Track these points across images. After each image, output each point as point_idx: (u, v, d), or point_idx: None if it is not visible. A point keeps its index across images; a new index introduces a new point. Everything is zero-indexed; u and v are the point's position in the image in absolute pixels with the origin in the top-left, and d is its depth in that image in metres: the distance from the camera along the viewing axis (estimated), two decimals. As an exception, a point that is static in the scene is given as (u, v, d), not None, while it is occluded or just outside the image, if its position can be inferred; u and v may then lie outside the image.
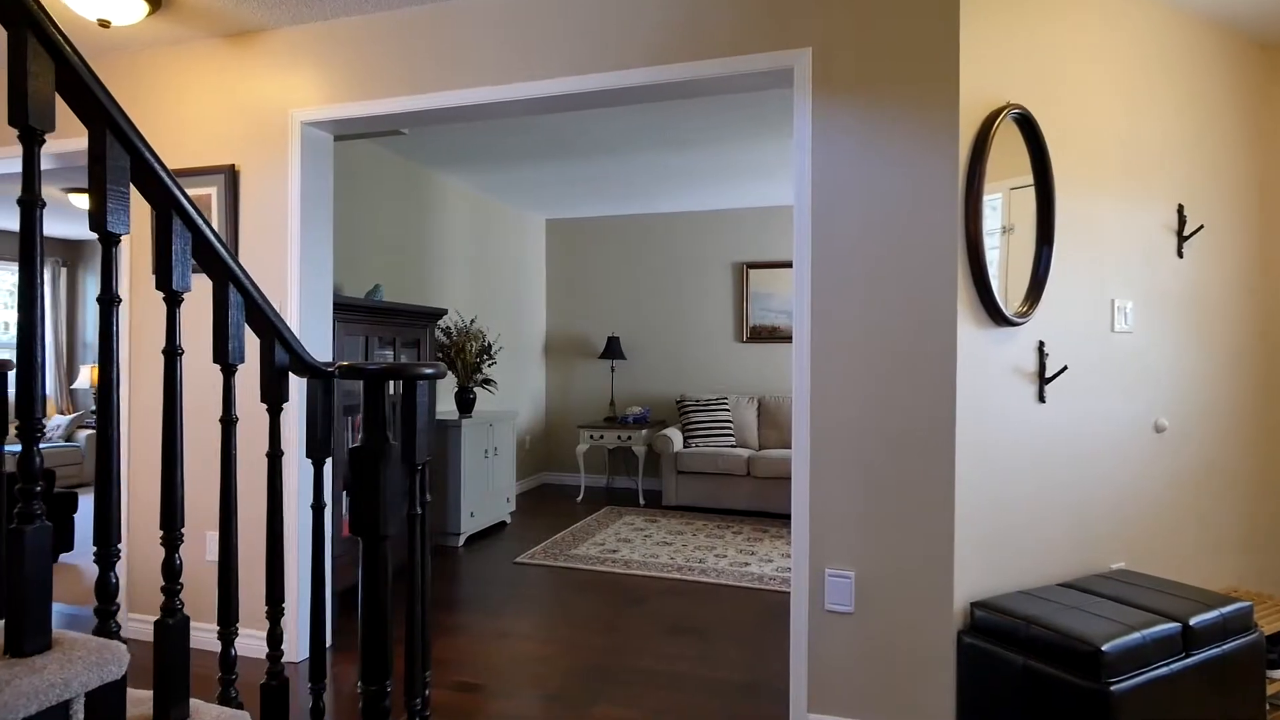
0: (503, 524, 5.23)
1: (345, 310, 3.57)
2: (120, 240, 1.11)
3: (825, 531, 2.31)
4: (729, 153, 4.66)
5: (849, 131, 2.29)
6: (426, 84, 2.75)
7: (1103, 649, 1.87)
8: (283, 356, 1.43)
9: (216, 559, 2.89)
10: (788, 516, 5.43)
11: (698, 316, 6.49)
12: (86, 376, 7.65)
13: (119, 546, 1.27)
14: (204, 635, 2.97)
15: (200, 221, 1.22)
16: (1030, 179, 2.34)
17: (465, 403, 4.92)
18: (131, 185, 1.14)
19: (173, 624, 1.20)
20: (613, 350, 6.37)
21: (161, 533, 1.25)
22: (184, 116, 3.08)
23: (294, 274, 2.90)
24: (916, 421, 2.22)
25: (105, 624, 1.22)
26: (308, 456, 1.52)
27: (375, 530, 1.44)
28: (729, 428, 5.86)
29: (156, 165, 1.14)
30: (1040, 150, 2.33)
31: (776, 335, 6.27)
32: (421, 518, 1.54)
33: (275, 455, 1.48)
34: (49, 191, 5.60)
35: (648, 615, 3.45)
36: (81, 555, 4.42)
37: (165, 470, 1.22)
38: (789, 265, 6.22)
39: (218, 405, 2.95)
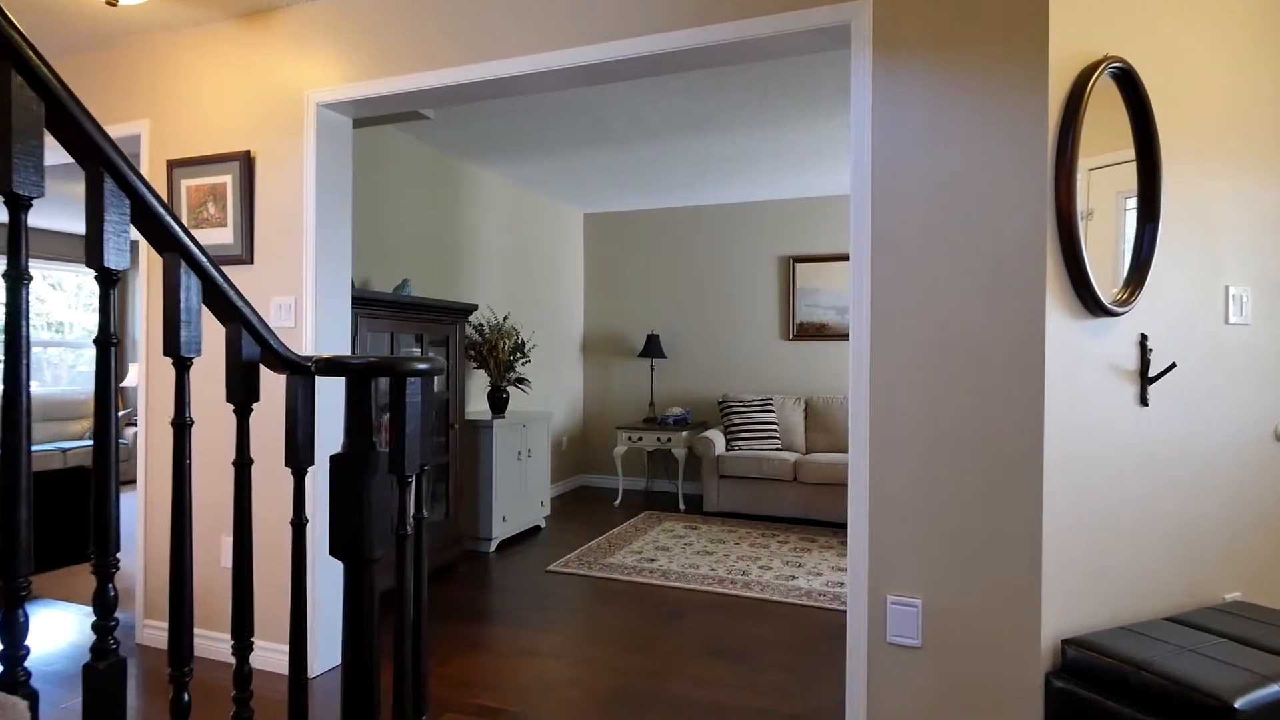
0: (537, 529, 5.03)
1: (369, 305, 3.40)
2: (31, 205, 0.91)
3: (887, 553, 2.02)
4: (776, 137, 4.37)
5: (915, 95, 2.00)
6: (447, 58, 2.55)
7: (1236, 705, 1.55)
8: (253, 349, 1.22)
9: (230, 565, 2.73)
10: (837, 525, 5.10)
11: (741, 313, 6.20)
12: (134, 374, 7.75)
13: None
14: (218, 645, 2.83)
15: (139, 183, 1.02)
16: (1117, 155, 2.01)
17: (498, 402, 4.73)
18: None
19: (103, 669, 0.99)
20: (652, 349, 6.12)
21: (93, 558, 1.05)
22: (198, 102, 2.94)
23: (309, 264, 2.73)
24: (997, 427, 1.91)
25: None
26: (286, 465, 1.31)
27: (358, 552, 1.22)
28: (774, 430, 5.55)
29: (77, 111, 0.94)
30: (1143, 111, 2.00)
31: (825, 332, 5.94)
32: (415, 538, 1.31)
33: (243, 464, 1.27)
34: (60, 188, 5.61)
35: (686, 633, 3.19)
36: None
37: (98, 486, 1.02)
38: (838, 258, 5.88)
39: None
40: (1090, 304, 1.93)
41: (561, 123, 4.10)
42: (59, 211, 6.42)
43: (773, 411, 5.62)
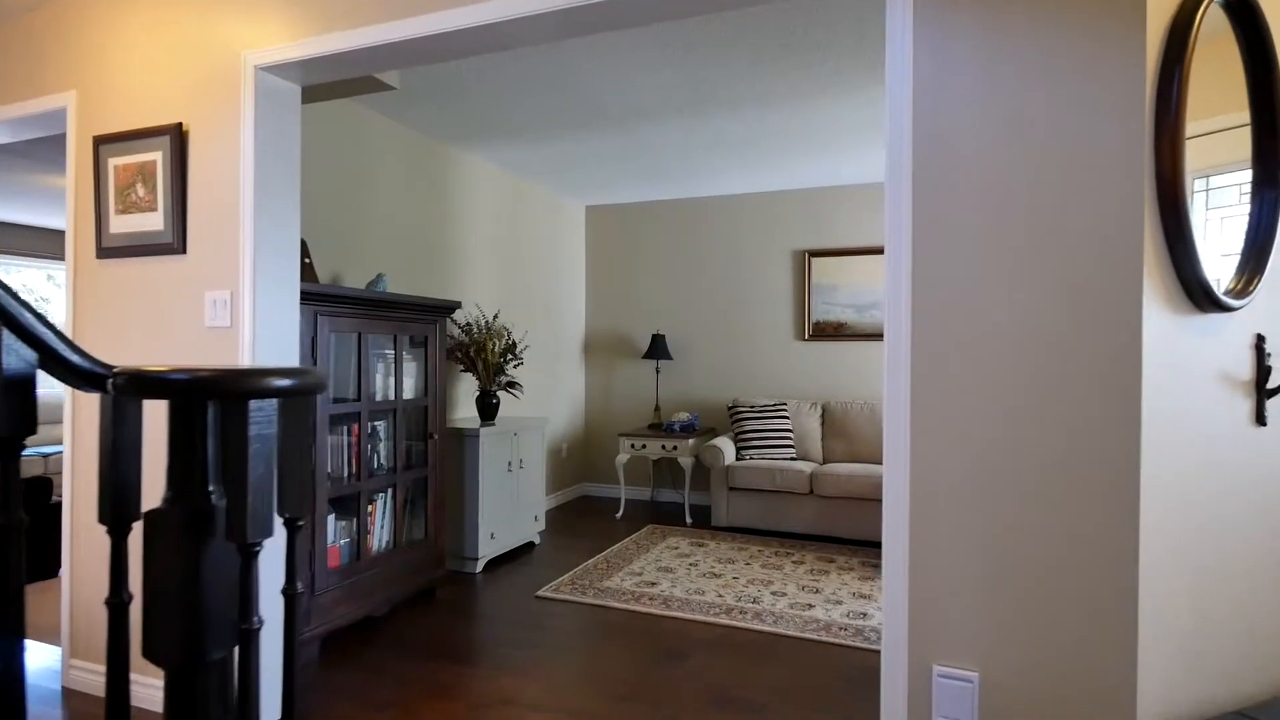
0: (530, 545, 4.64)
1: (332, 302, 3.02)
2: None
3: (934, 610, 1.60)
4: (792, 114, 3.94)
5: (967, 40, 1.58)
6: (403, 5, 2.15)
7: None
8: (23, 357, 0.83)
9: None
10: (856, 543, 4.67)
11: (753, 312, 5.77)
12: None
13: None
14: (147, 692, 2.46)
15: None
16: (1220, 120, 1.58)
17: (487, 409, 4.35)
18: None
19: None
20: (658, 350, 5.71)
21: None
22: (128, 70, 2.56)
23: (247, 253, 2.35)
24: (1079, 453, 1.49)
25: None
26: (100, 521, 0.93)
27: (178, 656, 0.82)
28: (788, 438, 5.13)
29: None
30: (1263, 49, 1.57)
31: (843, 332, 5.50)
32: (287, 628, 0.91)
33: (9, 525, 0.87)
34: (31, 179, 5.29)
35: (688, 676, 2.78)
36: (68, 574, 4.01)
37: None
38: (858, 252, 5.44)
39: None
40: (1198, 296, 1.50)
41: (551, 101, 3.70)
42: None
43: (787, 418, 5.20)
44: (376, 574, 3.28)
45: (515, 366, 4.56)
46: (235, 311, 2.36)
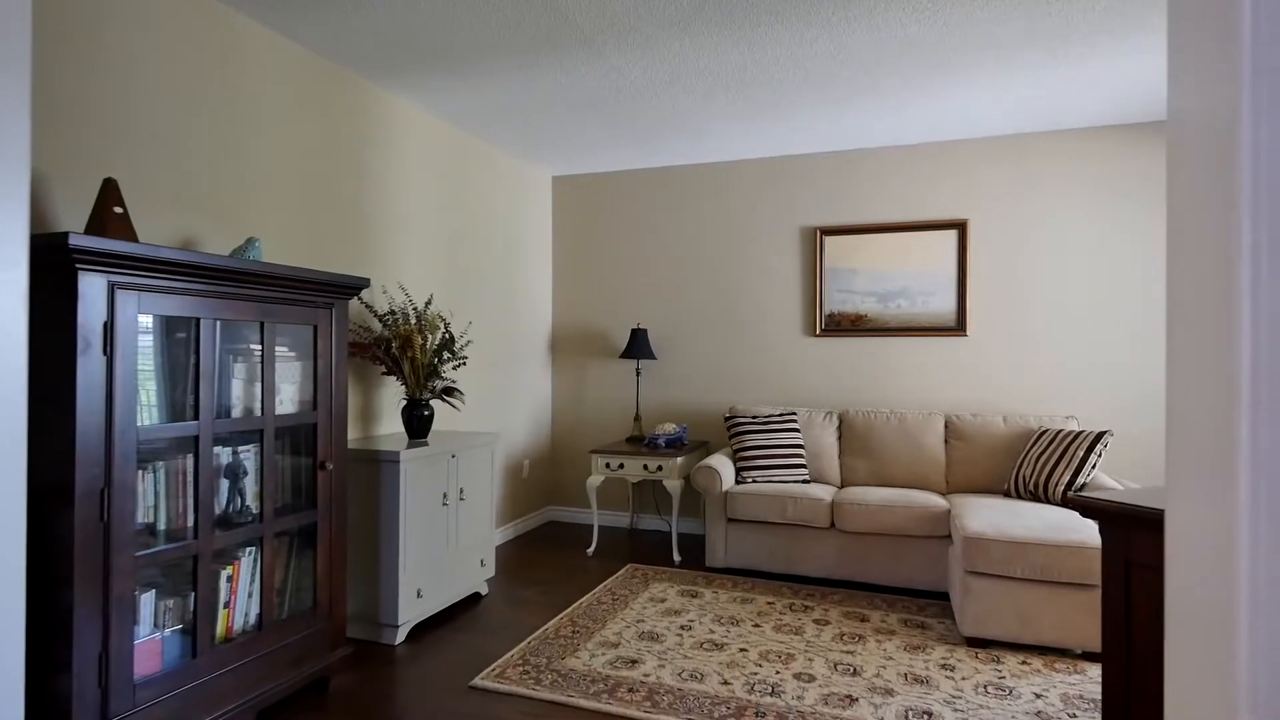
0: (475, 597, 3.62)
1: (148, 270, 1.98)
2: None
3: None
4: (820, 34, 2.96)
5: None
6: None
7: None
8: None
9: None
10: (890, 591, 3.71)
11: (753, 301, 4.80)
12: None
13: None
14: None
15: None
16: None
17: (417, 423, 3.32)
18: None
19: None
20: (638, 348, 4.72)
21: None
22: None
23: (-94, 167, 1.30)
24: None
25: None
26: None
27: None
28: (799, 456, 4.15)
29: None
30: None
31: (862, 326, 4.55)
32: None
33: None
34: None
35: None
36: None
37: None
38: (883, 229, 4.49)
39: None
40: None
41: (499, 7, 2.69)
42: None
43: (797, 430, 4.23)
44: (233, 671, 2.25)
45: (456, 367, 3.53)
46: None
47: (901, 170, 4.47)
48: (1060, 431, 3.68)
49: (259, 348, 2.41)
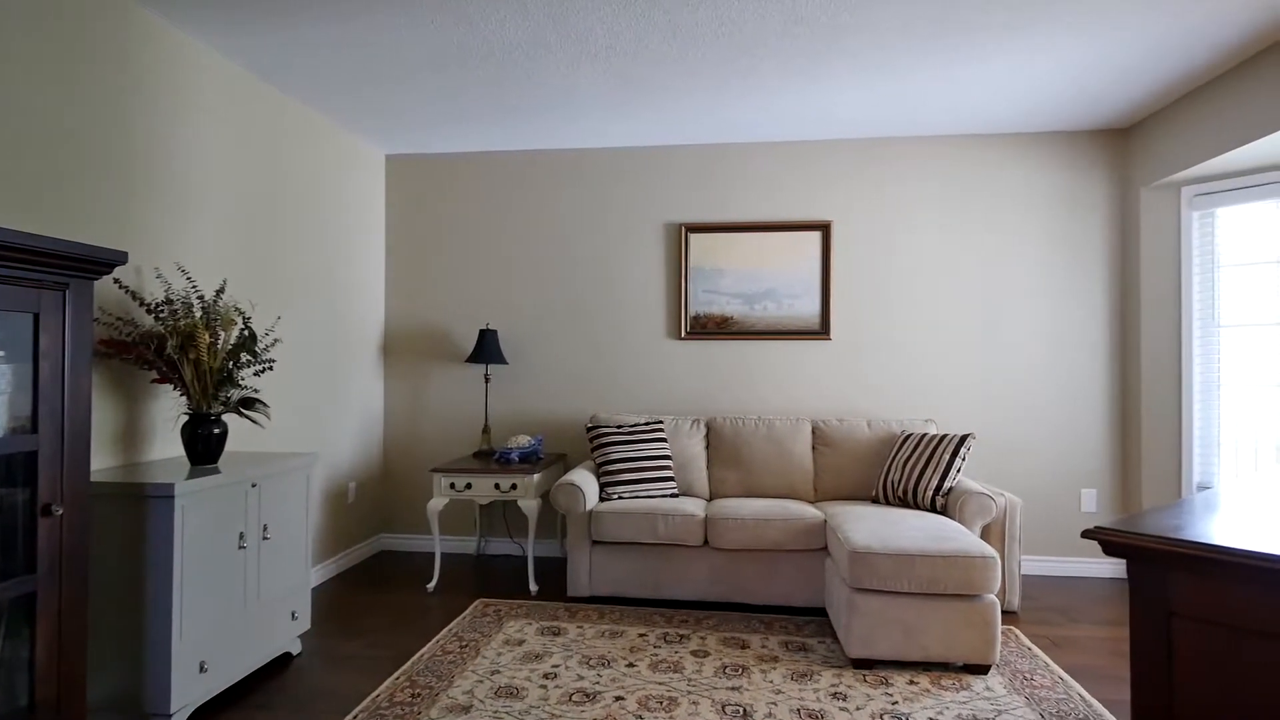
0: (285, 659, 2.91)
1: None
2: None
3: None
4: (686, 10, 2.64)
5: None
6: None
7: None
8: None
9: None
10: (769, 611, 3.47)
11: (615, 301, 4.43)
12: None
13: None
14: None
15: None
16: None
17: (203, 444, 2.58)
18: None
19: None
20: (487, 350, 4.18)
21: None
22: None
23: None
24: None
25: None
26: None
27: None
28: (667, 467, 3.83)
29: None
30: None
31: (728, 329, 4.33)
32: None
33: None
34: None
35: None
36: None
37: None
38: (750, 228, 4.30)
39: None
40: None
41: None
42: None
43: (664, 440, 3.90)
44: (-126, 829, 1.47)
45: (259, 373, 2.83)
46: None
47: (769, 167, 4.31)
48: (924, 435, 3.63)
49: (-65, 342, 1.65)
